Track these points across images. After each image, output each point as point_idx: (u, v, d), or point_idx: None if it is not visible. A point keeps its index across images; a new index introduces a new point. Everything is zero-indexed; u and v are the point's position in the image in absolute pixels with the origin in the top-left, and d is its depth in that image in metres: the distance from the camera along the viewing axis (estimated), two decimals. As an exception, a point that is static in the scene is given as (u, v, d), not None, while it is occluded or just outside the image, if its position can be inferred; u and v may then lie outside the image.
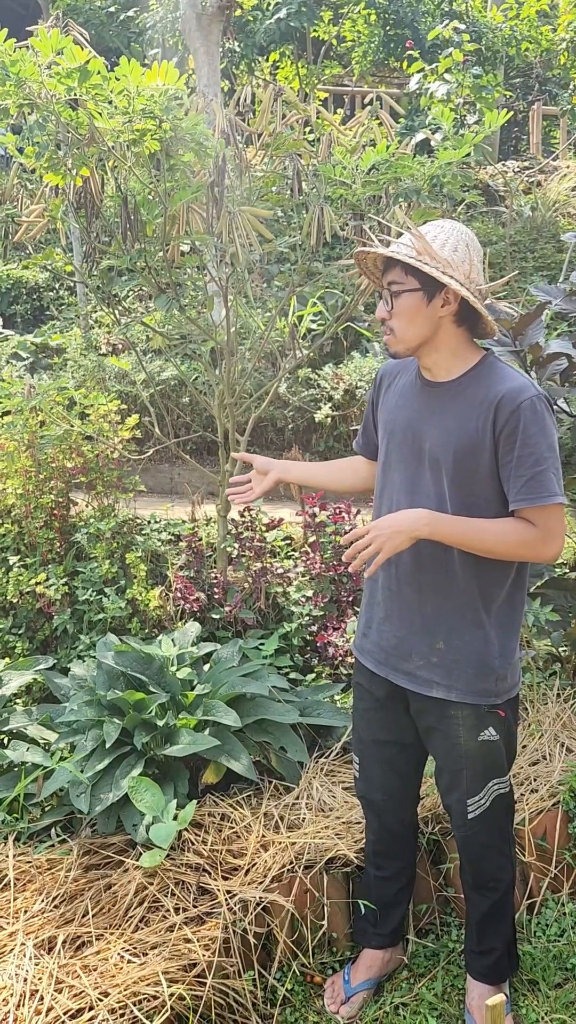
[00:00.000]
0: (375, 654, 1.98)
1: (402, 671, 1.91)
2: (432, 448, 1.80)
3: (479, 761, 1.89)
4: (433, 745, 1.95)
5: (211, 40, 5.96)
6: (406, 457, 1.86)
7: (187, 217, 2.73)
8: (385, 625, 1.94)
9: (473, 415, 1.75)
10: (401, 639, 1.91)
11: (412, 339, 1.79)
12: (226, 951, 2.03)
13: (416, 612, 1.87)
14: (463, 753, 1.89)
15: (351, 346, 5.79)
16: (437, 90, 6.76)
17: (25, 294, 6.87)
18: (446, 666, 1.85)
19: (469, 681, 1.84)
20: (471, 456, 1.75)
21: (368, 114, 2.87)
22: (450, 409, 1.80)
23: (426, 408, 1.84)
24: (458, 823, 1.97)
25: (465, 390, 1.79)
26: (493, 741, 1.88)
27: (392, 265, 1.77)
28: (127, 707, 2.42)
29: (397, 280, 1.76)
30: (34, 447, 3.20)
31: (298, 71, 10.09)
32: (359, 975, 2.14)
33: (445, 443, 1.78)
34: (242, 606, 3.03)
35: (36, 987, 1.90)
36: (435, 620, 1.85)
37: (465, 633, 1.83)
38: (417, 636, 1.88)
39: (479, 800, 1.92)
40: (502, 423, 1.71)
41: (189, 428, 5.25)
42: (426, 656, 1.87)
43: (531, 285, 3.05)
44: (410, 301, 1.76)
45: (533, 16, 8.90)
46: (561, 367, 2.70)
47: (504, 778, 1.94)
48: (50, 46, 2.35)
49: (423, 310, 1.76)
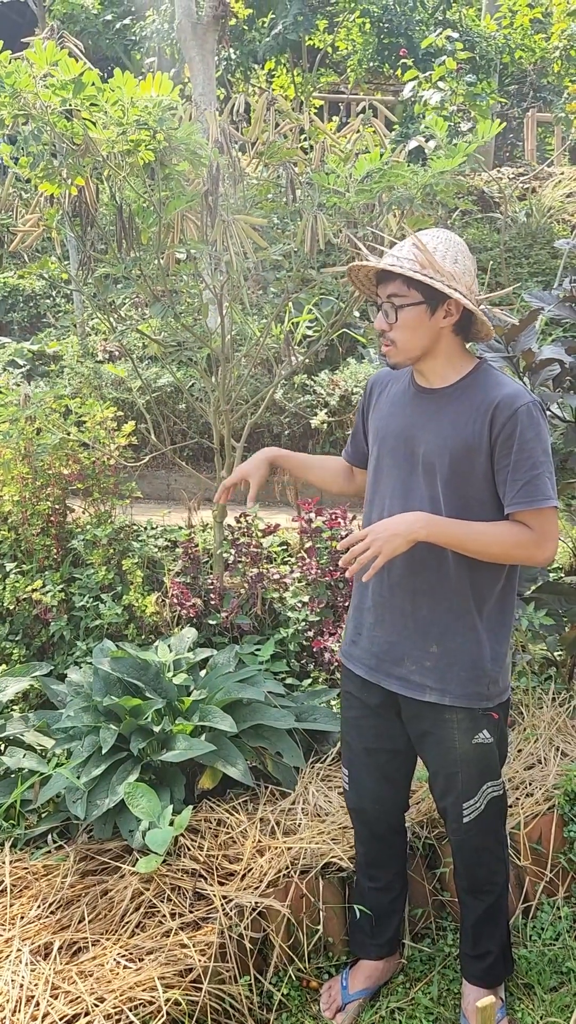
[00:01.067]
0: (366, 660, 1.98)
1: (395, 676, 1.92)
2: (427, 452, 1.82)
3: (474, 764, 1.90)
4: (427, 750, 1.95)
5: (206, 49, 5.99)
6: (399, 463, 1.87)
7: (182, 225, 2.75)
8: (376, 631, 1.95)
9: (469, 420, 1.78)
10: (393, 644, 1.91)
11: (414, 350, 1.81)
12: (222, 956, 2.04)
13: (409, 616, 1.88)
14: (458, 757, 1.89)
15: (347, 352, 5.81)
16: (431, 98, 6.79)
17: (22, 302, 6.89)
18: (440, 670, 1.86)
19: (463, 684, 1.85)
20: (466, 460, 1.77)
21: (362, 122, 2.89)
22: (446, 414, 1.82)
23: (420, 414, 1.86)
24: (453, 827, 1.98)
25: (461, 396, 1.81)
26: (487, 744, 1.89)
27: (392, 277, 1.78)
28: (124, 713, 2.43)
29: (399, 293, 1.77)
30: (30, 455, 3.21)
31: (293, 79, 10.14)
32: (357, 983, 2.14)
33: (441, 447, 1.80)
34: (238, 612, 3.04)
35: (32, 993, 1.91)
36: (428, 623, 1.86)
37: (458, 636, 1.85)
38: (410, 640, 1.88)
39: (474, 803, 1.93)
40: (499, 428, 1.74)
41: (185, 434, 5.27)
42: (419, 660, 1.87)
43: (525, 292, 3.07)
44: (413, 314, 1.77)
45: (527, 25, 8.95)
46: (554, 373, 2.71)
47: (498, 781, 1.95)
48: (45, 58, 2.37)
49: (426, 322, 1.78)
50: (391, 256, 1.80)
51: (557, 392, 2.76)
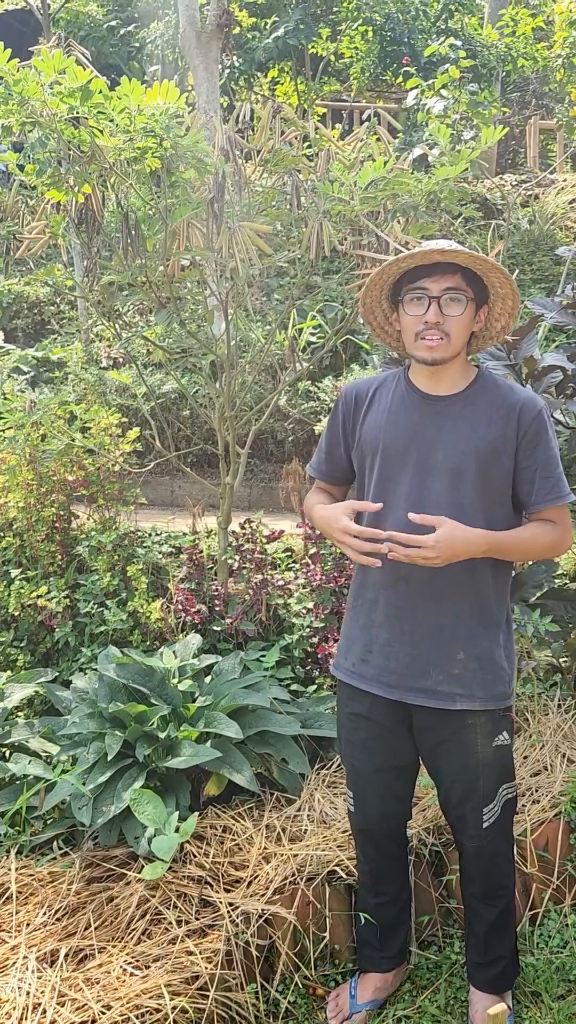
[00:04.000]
0: (383, 678, 1.92)
1: (418, 689, 1.88)
2: (447, 457, 1.83)
3: (494, 767, 1.90)
4: (443, 759, 1.93)
5: (210, 57, 6.02)
6: (410, 470, 1.87)
7: (187, 232, 2.75)
8: (394, 645, 1.90)
9: (492, 422, 1.83)
10: (415, 657, 1.88)
11: (459, 347, 1.86)
12: (228, 963, 2.03)
13: (433, 625, 1.86)
14: (479, 761, 1.89)
15: (350, 358, 5.81)
16: (434, 106, 6.81)
17: (26, 308, 6.90)
18: (467, 676, 1.85)
19: (487, 687, 1.86)
20: (494, 461, 1.82)
21: (366, 129, 2.90)
22: (464, 419, 1.85)
23: (431, 421, 1.87)
24: (472, 833, 1.96)
25: (475, 400, 1.86)
26: (506, 745, 1.91)
27: (452, 270, 1.80)
28: (129, 719, 2.43)
29: (459, 287, 1.81)
30: (35, 461, 3.22)
31: (297, 87, 10.17)
32: (366, 995, 2.12)
33: (465, 451, 1.82)
34: (243, 618, 3.04)
35: (39, 1000, 1.90)
36: (453, 628, 1.86)
37: (483, 639, 1.86)
38: (436, 649, 1.86)
39: (493, 807, 1.93)
40: (525, 428, 1.81)
41: (190, 441, 5.27)
42: (446, 669, 1.86)
43: (528, 299, 3.08)
44: (469, 310, 1.84)
45: (529, 33, 8.99)
46: (556, 379, 2.72)
47: (513, 783, 1.96)
48: (52, 66, 2.39)
49: (469, 321, 1.85)
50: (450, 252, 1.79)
51: (560, 399, 2.76)
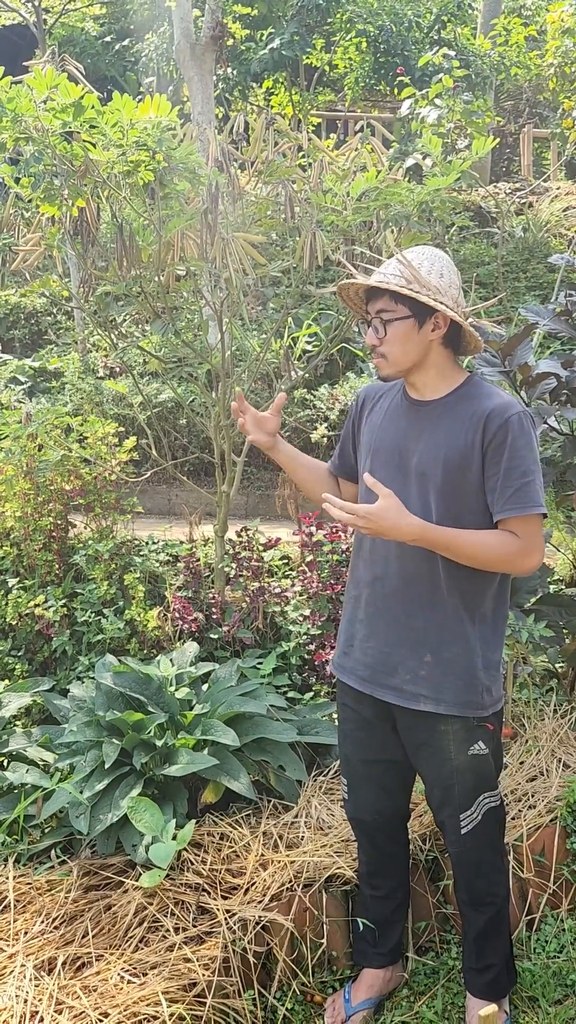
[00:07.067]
0: (359, 672, 1.99)
1: (388, 687, 1.93)
2: (420, 463, 1.85)
3: (469, 776, 1.91)
4: (423, 762, 1.96)
5: (205, 69, 6.06)
6: (392, 474, 1.89)
7: (182, 243, 2.78)
8: (369, 642, 1.96)
9: (462, 430, 1.81)
10: (387, 654, 1.92)
11: (404, 363, 1.86)
12: (226, 970, 2.04)
13: (404, 626, 1.90)
14: (454, 768, 1.90)
15: (346, 367, 5.84)
16: (428, 115, 6.86)
17: (23, 319, 6.94)
18: (434, 679, 1.87)
19: (457, 693, 1.86)
20: (460, 470, 1.81)
21: (359, 140, 2.93)
22: (439, 425, 1.85)
23: (414, 426, 1.89)
24: (451, 839, 1.98)
25: (454, 407, 1.85)
26: (483, 755, 1.91)
27: (380, 294, 1.83)
28: (126, 727, 2.43)
29: (387, 308, 1.82)
30: (33, 471, 3.24)
31: (291, 97, 10.24)
32: (360, 994, 2.14)
33: (434, 457, 1.83)
34: (240, 626, 3.05)
35: (36, 1008, 1.91)
36: (423, 633, 1.88)
37: (453, 645, 1.86)
38: (404, 650, 1.90)
39: (471, 815, 1.93)
40: (490, 436, 1.78)
41: (186, 450, 5.29)
42: (413, 670, 1.89)
43: (522, 306, 3.10)
44: (402, 328, 1.82)
45: (521, 42, 9.05)
46: (550, 386, 2.74)
47: (494, 792, 1.96)
48: (45, 84, 2.41)
49: (414, 336, 1.83)
50: (378, 273, 1.86)
51: (554, 406, 2.78)
